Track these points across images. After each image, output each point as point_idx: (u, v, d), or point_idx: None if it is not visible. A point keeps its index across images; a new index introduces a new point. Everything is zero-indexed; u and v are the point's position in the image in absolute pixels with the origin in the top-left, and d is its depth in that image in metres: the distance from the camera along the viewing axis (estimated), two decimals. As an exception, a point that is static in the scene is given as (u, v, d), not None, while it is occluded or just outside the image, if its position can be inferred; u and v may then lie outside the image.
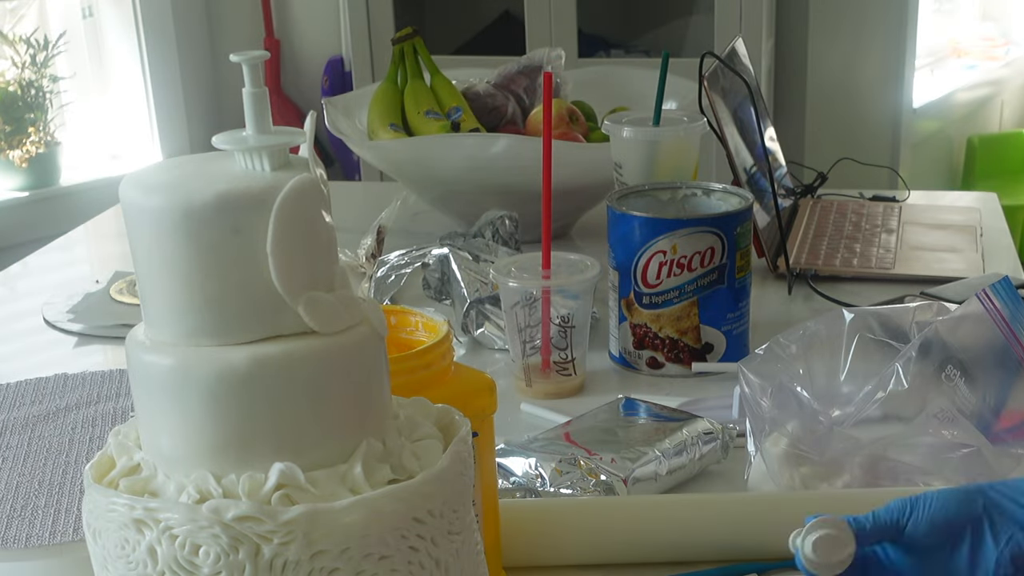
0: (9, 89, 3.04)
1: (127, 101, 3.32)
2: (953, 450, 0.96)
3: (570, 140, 1.63)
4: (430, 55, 1.79)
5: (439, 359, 0.82)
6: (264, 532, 0.58)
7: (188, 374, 0.59)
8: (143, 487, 0.62)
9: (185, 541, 0.58)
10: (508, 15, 3.22)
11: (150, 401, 0.61)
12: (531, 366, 1.23)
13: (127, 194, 0.60)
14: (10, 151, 3.05)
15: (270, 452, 0.60)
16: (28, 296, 1.62)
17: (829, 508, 0.92)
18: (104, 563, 0.62)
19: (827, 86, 3.26)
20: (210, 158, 0.63)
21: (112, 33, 3.29)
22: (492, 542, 0.86)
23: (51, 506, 0.94)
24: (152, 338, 0.61)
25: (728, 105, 1.56)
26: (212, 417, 0.59)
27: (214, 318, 0.59)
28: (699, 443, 1.04)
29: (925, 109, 3.54)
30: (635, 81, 1.84)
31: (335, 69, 3.38)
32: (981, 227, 1.74)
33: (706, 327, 1.25)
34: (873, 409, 1.00)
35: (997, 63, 4.01)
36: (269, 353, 0.59)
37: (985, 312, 0.99)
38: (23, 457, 1.03)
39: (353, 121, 1.76)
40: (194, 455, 0.60)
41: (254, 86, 0.61)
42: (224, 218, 0.58)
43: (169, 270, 0.59)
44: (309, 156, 0.61)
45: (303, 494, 0.59)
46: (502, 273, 1.21)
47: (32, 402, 1.15)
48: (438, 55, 1.93)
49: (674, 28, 3.23)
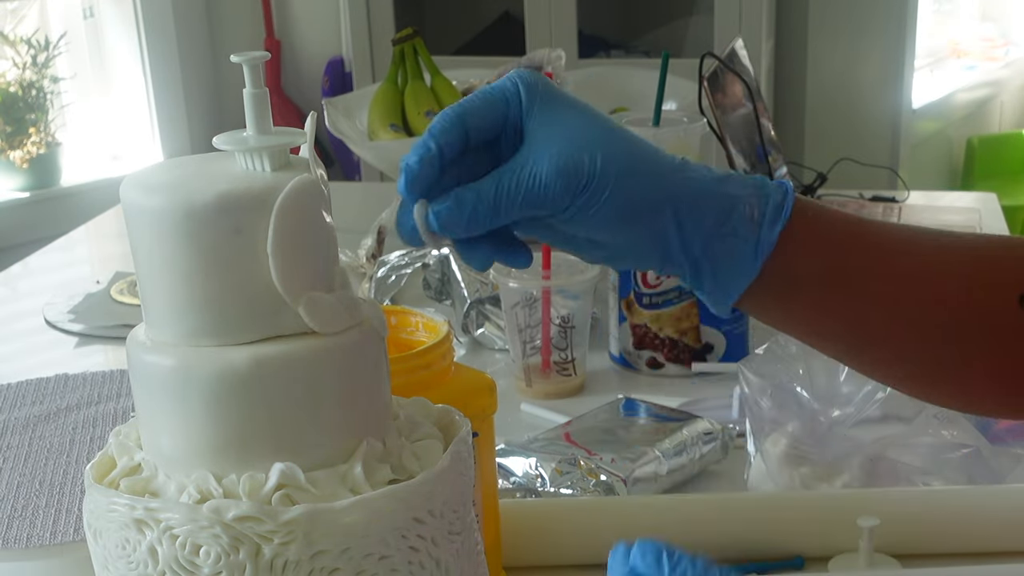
0: (10, 90, 3.04)
1: (128, 102, 3.32)
2: (953, 450, 0.97)
3: (570, 140, 1.63)
4: (430, 56, 1.79)
5: (439, 359, 0.82)
6: (264, 532, 0.58)
7: (189, 374, 0.59)
8: (144, 487, 0.62)
9: (186, 541, 0.58)
10: (508, 16, 3.22)
11: (151, 401, 0.61)
12: (531, 366, 1.23)
13: (128, 194, 0.60)
14: (11, 152, 3.05)
15: (270, 452, 0.60)
16: (29, 296, 1.63)
17: (829, 508, 0.93)
18: (105, 563, 0.62)
19: (827, 86, 3.26)
20: (211, 158, 0.63)
21: (113, 33, 3.29)
22: (492, 542, 0.86)
23: (52, 506, 0.94)
24: (153, 338, 0.62)
25: (728, 106, 1.56)
26: (213, 417, 0.59)
27: (215, 318, 0.60)
28: (699, 443, 1.04)
29: (925, 110, 3.53)
30: (635, 82, 1.85)
31: (335, 70, 3.38)
32: (981, 227, 1.74)
33: (706, 327, 1.25)
34: (873, 409, 1.00)
35: (997, 64, 4.01)
36: (270, 353, 0.59)
37: (985, 312, 0.99)
38: (24, 457, 1.03)
39: (353, 121, 1.76)
40: (195, 455, 0.60)
41: (255, 87, 0.61)
42: (225, 218, 0.58)
43: (170, 270, 0.59)
44: (310, 156, 0.61)
45: (303, 494, 0.60)
46: (502, 273, 1.21)
47: (33, 402, 1.15)
48: (438, 56, 1.93)
49: (674, 29, 3.23)
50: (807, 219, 0.64)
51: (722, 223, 0.63)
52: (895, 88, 3.26)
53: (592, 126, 0.63)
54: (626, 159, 0.62)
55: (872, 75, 3.25)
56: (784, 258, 0.63)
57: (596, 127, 0.63)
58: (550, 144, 0.62)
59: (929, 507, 0.93)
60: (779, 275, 0.63)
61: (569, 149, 0.62)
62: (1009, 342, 0.63)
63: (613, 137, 0.63)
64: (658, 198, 0.62)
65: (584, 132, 0.62)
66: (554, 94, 0.64)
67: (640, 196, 0.62)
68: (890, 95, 3.26)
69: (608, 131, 0.63)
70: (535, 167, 0.62)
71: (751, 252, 0.63)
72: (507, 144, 0.64)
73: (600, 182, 0.62)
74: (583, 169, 0.61)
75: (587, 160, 0.61)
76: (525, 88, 0.63)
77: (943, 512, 0.92)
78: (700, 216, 0.63)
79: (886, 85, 3.25)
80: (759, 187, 0.63)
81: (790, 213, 0.63)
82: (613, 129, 0.63)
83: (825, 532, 0.92)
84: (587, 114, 0.64)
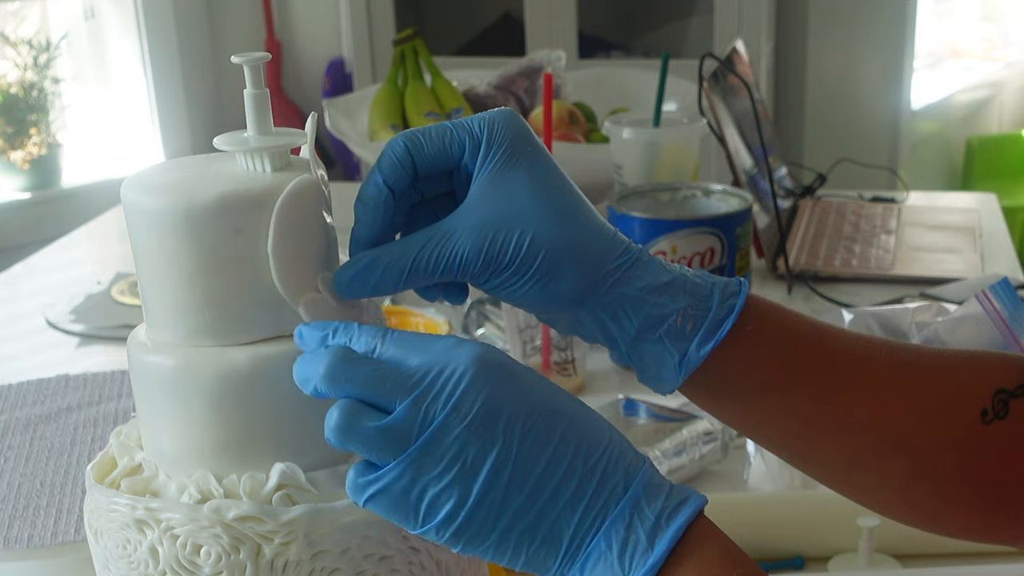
0: (11, 91, 3.05)
1: (129, 102, 3.32)
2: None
3: (570, 141, 1.63)
4: (431, 56, 1.80)
5: (439, 360, 0.82)
6: (265, 532, 0.58)
7: (189, 375, 0.59)
8: (144, 487, 0.62)
9: (186, 541, 0.58)
10: (508, 17, 3.22)
11: (151, 401, 0.61)
12: (531, 366, 1.23)
13: (128, 195, 0.61)
14: (12, 152, 3.05)
15: (271, 452, 0.60)
16: (30, 297, 1.63)
17: (829, 508, 0.93)
18: (105, 563, 0.63)
19: (827, 87, 3.26)
20: (211, 159, 0.63)
21: (114, 34, 3.29)
22: (492, 542, 0.86)
23: (53, 506, 0.94)
24: (153, 339, 0.62)
25: (728, 106, 1.56)
26: (213, 417, 0.60)
27: (215, 319, 0.60)
28: (699, 443, 1.04)
29: (924, 110, 3.54)
30: (635, 82, 1.85)
31: (336, 70, 3.38)
32: (980, 228, 1.74)
33: (706, 328, 1.25)
34: (872, 409, 1.00)
35: (996, 64, 4.01)
36: (270, 353, 0.59)
37: (984, 313, 0.99)
38: (25, 457, 1.03)
39: (354, 122, 1.76)
40: (195, 455, 0.60)
41: (255, 87, 0.61)
42: (225, 219, 0.58)
43: (170, 271, 0.60)
44: (310, 157, 0.61)
45: (304, 494, 0.60)
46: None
47: (34, 403, 1.15)
48: (439, 56, 1.93)
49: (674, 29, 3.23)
50: (762, 324, 0.61)
51: (648, 331, 0.60)
52: (895, 88, 3.26)
53: (537, 202, 0.59)
54: (558, 248, 0.59)
55: (872, 75, 3.25)
56: (722, 366, 0.60)
57: (541, 204, 0.59)
58: (484, 213, 0.59)
59: (929, 507, 0.93)
60: (713, 381, 0.61)
61: (499, 225, 0.58)
62: (967, 459, 0.60)
63: (555, 220, 0.59)
64: (580, 297, 0.60)
65: (525, 208, 0.59)
66: (518, 151, 0.60)
67: (563, 289, 0.59)
68: (890, 95, 3.26)
69: (553, 212, 0.59)
70: (459, 242, 0.59)
71: (674, 365, 0.60)
72: (458, 181, 0.62)
73: (521, 268, 0.59)
74: (507, 251, 0.58)
75: (514, 242, 0.58)
76: (487, 138, 0.60)
77: (942, 512, 0.92)
78: (623, 322, 0.60)
79: (886, 85, 3.25)
80: (703, 298, 0.60)
81: (732, 325, 0.60)
82: (560, 210, 0.59)
83: (825, 532, 0.92)
84: (541, 184, 0.59)
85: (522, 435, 0.52)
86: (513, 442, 0.52)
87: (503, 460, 0.52)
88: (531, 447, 0.52)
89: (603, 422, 0.55)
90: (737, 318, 0.60)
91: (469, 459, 0.52)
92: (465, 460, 0.52)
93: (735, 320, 0.60)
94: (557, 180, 0.60)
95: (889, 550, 0.91)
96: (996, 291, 0.99)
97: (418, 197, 0.62)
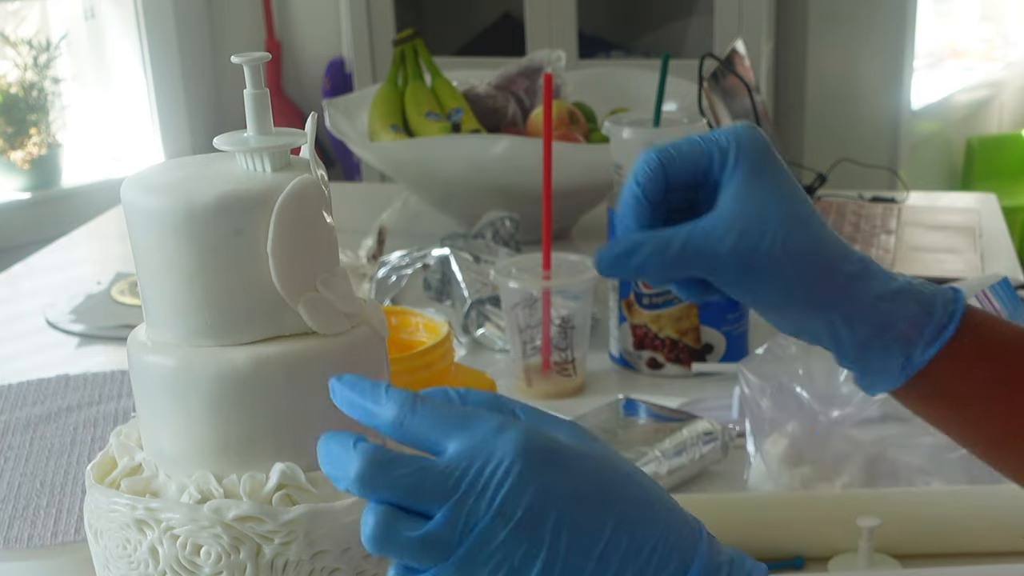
0: (11, 91, 3.05)
1: (129, 102, 3.32)
2: (953, 450, 0.97)
3: (570, 141, 1.63)
4: (431, 56, 1.80)
5: (440, 359, 0.82)
6: (265, 532, 0.58)
7: (189, 375, 0.60)
8: (144, 487, 0.62)
9: (186, 541, 0.58)
10: (508, 17, 3.22)
11: (151, 401, 0.61)
12: (531, 366, 1.23)
13: (128, 195, 0.61)
14: (12, 152, 3.05)
15: (271, 452, 0.60)
16: (30, 297, 1.63)
17: (829, 508, 0.93)
18: (106, 563, 0.63)
19: (827, 87, 3.26)
20: (211, 159, 0.64)
21: (114, 34, 3.29)
22: (492, 542, 0.86)
23: (53, 506, 0.94)
24: (153, 339, 0.62)
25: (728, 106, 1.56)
26: (213, 417, 0.60)
27: (215, 319, 0.60)
28: (699, 443, 1.04)
29: (924, 110, 3.54)
30: (635, 82, 1.85)
31: (336, 70, 3.38)
32: (980, 228, 1.74)
33: (706, 328, 1.25)
34: (873, 409, 1.00)
35: (996, 65, 4.01)
36: (270, 354, 0.60)
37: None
38: (25, 457, 1.03)
39: (354, 122, 1.76)
40: (195, 455, 0.60)
41: (255, 87, 0.61)
42: (225, 219, 0.58)
43: (170, 271, 0.60)
44: (310, 157, 0.61)
45: (304, 494, 0.60)
46: (503, 274, 1.21)
47: (34, 403, 1.15)
48: (439, 56, 1.93)
49: (674, 29, 3.23)
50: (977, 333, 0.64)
51: (876, 336, 0.63)
52: (895, 89, 3.26)
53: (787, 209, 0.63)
54: (804, 251, 0.63)
55: (872, 75, 3.25)
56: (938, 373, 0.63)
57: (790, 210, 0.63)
58: (738, 215, 0.63)
59: (929, 507, 0.93)
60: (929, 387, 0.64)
61: (753, 227, 0.62)
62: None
63: (802, 226, 0.63)
64: (816, 301, 0.63)
65: (777, 213, 0.63)
66: (763, 163, 0.64)
67: (803, 291, 0.63)
68: (890, 96, 3.26)
69: (801, 219, 0.63)
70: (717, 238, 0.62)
71: (898, 368, 0.63)
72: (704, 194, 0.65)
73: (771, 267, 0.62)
74: (760, 250, 0.62)
75: (767, 243, 0.62)
76: (736, 152, 0.63)
77: (943, 512, 0.92)
78: (855, 327, 0.63)
79: (886, 86, 3.25)
80: (926, 305, 0.63)
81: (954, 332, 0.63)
82: (806, 217, 0.63)
83: (825, 532, 0.92)
84: (788, 193, 0.63)
85: (570, 535, 0.49)
86: (561, 543, 0.49)
87: (551, 563, 0.49)
88: (580, 546, 0.50)
89: (657, 495, 0.53)
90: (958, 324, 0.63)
91: (516, 563, 0.49)
92: (512, 565, 0.49)
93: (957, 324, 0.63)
94: (798, 190, 0.64)
95: (889, 550, 0.91)
96: (996, 291, 0.99)
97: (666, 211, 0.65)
